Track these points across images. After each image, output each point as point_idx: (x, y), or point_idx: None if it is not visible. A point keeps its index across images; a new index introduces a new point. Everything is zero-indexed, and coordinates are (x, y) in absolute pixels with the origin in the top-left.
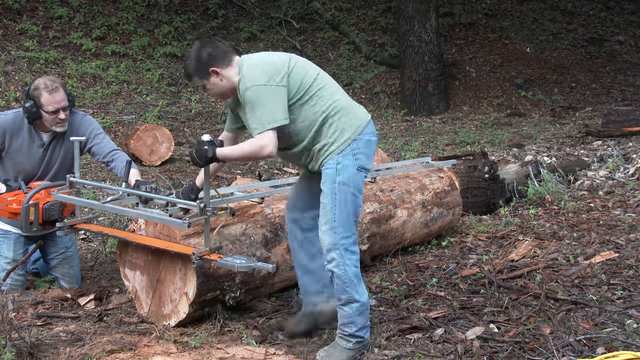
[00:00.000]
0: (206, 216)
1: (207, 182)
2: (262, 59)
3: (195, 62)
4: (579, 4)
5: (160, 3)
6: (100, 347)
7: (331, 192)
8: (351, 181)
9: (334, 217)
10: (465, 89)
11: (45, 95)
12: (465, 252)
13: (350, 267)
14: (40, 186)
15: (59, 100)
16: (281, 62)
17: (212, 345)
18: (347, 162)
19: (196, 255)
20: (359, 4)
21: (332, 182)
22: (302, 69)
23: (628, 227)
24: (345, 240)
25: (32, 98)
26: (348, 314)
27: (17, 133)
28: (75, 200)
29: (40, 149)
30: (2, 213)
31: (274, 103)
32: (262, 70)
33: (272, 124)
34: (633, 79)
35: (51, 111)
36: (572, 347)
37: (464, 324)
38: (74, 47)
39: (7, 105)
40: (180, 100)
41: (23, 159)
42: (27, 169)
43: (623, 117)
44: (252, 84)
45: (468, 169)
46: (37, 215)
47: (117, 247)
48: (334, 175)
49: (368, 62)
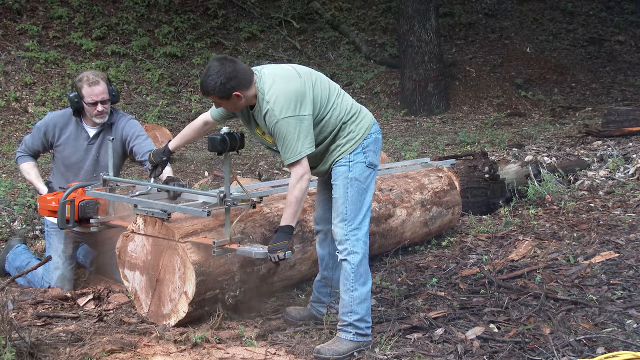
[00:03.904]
0: (226, 206)
1: (227, 173)
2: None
3: (219, 84)
4: (579, 4)
5: (160, 3)
6: (100, 347)
7: (343, 187)
8: (362, 177)
9: (346, 210)
10: (465, 89)
11: (86, 88)
12: (465, 252)
13: (360, 256)
14: (76, 185)
15: (98, 93)
16: (304, 90)
17: (212, 345)
18: (359, 159)
19: (217, 244)
20: (359, 4)
21: (344, 177)
22: (319, 90)
23: (628, 227)
24: (357, 232)
25: (76, 90)
26: (348, 302)
27: (65, 127)
28: (106, 196)
29: (86, 142)
30: (42, 211)
31: (304, 133)
32: (289, 101)
33: (303, 154)
34: (633, 79)
35: (90, 103)
36: (572, 347)
37: (464, 324)
38: (74, 47)
39: (7, 105)
40: (180, 100)
41: (69, 151)
42: (73, 161)
43: (623, 117)
44: (282, 117)
45: (468, 169)
46: (72, 213)
47: (116, 248)
48: (346, 171)
49: (368, 62)
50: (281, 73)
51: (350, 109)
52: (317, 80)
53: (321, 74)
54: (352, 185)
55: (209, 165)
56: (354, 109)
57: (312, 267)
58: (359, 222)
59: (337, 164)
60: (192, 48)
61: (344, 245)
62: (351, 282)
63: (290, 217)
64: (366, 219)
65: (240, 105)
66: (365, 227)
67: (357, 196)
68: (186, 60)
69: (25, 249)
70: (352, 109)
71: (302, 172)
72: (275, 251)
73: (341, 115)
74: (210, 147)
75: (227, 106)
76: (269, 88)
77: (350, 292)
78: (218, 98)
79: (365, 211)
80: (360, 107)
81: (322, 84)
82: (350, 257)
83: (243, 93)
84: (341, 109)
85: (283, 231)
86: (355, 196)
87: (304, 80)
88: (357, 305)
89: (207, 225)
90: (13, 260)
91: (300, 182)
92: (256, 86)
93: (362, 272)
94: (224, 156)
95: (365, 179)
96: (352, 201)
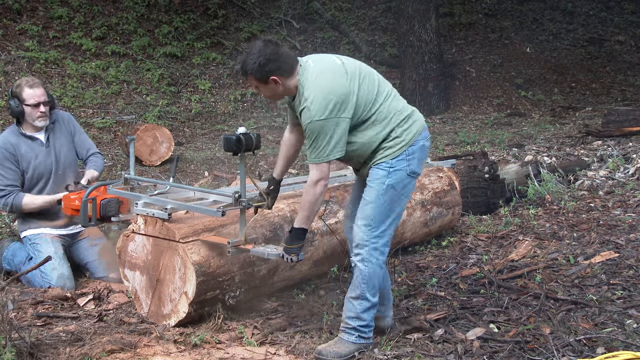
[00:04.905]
0: (241, 206)
1: (242, 173)
2: (328, 88)
3: (257, 65)
4: (579, 4)
5: (160, 3)
6: (100, 347)
7: (377, 191)
8: (400, 185)
9: (373, 215)
10: (465, 89)
11: (27, 90)
12: (465, 252)
13: (374, 267)
14: (98, 183)
15: (40, 94)
16: (348, 91)
17: (212, 345)
18: (401, 166)
19: (231, 244)
20: (359, 4)
21: (381, 182)
22: (365, 90)
23: (628, 227)
24: (378, 240)
25: (15, 96)
26: (355, 308)
27: (18, 143)
28: (126, 194)
29: (42, 147)
30: (67, 210)
31: (336, 138)
32: (328, 102)
33: (329, 158)
34: (633, 79)
35: (32, 104)
36: (572, 347)
37: (464, 324)
38: (74, 47)
39: (7, 105)
40: (180, 100)
41: (37, 163)
42: (42, 171)
43: (623, 117)
44: (317, 118)
45: (468, 169)
46: (94, 211)
47: (117, 247)
48: (385, 177)
49: (368, 62)
50: (327, 68)
51: (399, 112)
52: (365, 78)
53: (372, 71)
54: (387, 193)
55: (209, 165)
56: (404, 112)
57: (312, 267)
58: (382, 231)
59: (376, 166)
60: (192, 48)
61: (360, 250)
62: (361, 290)
63: (303, 220)
64: (391, 228)
65: (278, 93)
66: (388, 237)
67: (388, 204)
68: (186, 60)
69: (21, 246)
70: (401, 112)
71: (320, 177)
72: (290, 253)
73: (388, 117)
74: (226, 147)
75: (264, 92)
76: (311, 84)
77: (359, 299)
78: (255, 80)
79: (392, 219)
80: (412, 111)
81: (371, 83)
82: (363, 265)
83: (282, 80)
84: (389, 111)
85: (297, 233)
86: (387, 204)
87: (351, 78)
88: (364, 312)
89: (208, 226)
90: (13, 256)
91: (315, 187)
92: (298, 77)
93: (375, 283)
94: (239, 156)
95: (403, 187)
96: (382, 208)
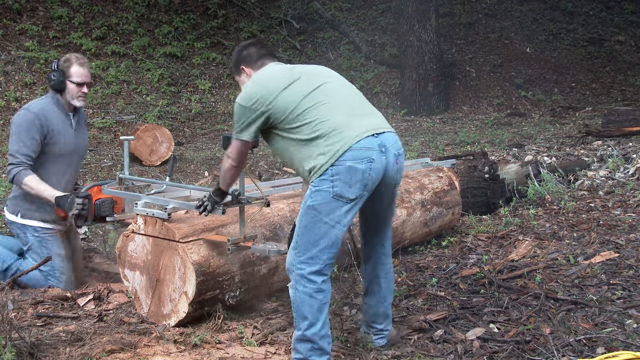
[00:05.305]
0: (241, 204)
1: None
2: (263, 76)
3: (234, 58)
4: (579, 4)
5: (160, 3)
6: (100, 347)
7: (300, 213)
8: (325, 208)
9: (297, 238)
10: (465, 89)
11: (76, 66)
12: (465, 252)
13: (300, 295)
14: (92, 184)
15: (87, 74)
16: (274, 87)
17: (212, 345)
18: (323, 187)
19: (231, 242)
20: (359, 4)
21: (304, 203)
22: (296, 95)
23: (628, 227)
24: (304, 266)
25: (61, 69)
26: (294, 336)
27: (51, 116)
28: (121, 194)
29: (71, 129)
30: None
31: (246, 122)
32: (251, 90)
33: (238, 137)
34: (633, 79)
35: (78, 82)
36: (572, 347)
37: (464, 324)
38: (74, 47)
39: (7, 105)
40: (180, 100)
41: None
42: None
43: (623, 117)
44: (238, 101)
45: (468, 169)
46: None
47: (116, 248)
48: (308, 196)
49: (368, 62)
50: (276, 69)
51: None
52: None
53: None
54: (307, 214)
55: (208, 165)
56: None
57: None
58: (308, 257)
59: None
60: (192, 48)
61: (289, 274)
62: (294, 318)
63: (221, 182)
64: (321, 256)
65: None
66: (317, 266)
67: (311, 227)
68: (186, 60)
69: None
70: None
71: (229, 152)
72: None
73: (314, 130)
74: (225, 147)
75: None
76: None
77: (295, 327)
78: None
79: (322, 248)
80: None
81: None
82: (291, 291)
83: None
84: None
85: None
86: (309, 227)
87: (279, 83)
88: (298, 343)
89: (208, 226)
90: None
91: (226, 160)
92: None
93: (305, 312)
94: None
95: (328, 212)
96: (304, 231)
